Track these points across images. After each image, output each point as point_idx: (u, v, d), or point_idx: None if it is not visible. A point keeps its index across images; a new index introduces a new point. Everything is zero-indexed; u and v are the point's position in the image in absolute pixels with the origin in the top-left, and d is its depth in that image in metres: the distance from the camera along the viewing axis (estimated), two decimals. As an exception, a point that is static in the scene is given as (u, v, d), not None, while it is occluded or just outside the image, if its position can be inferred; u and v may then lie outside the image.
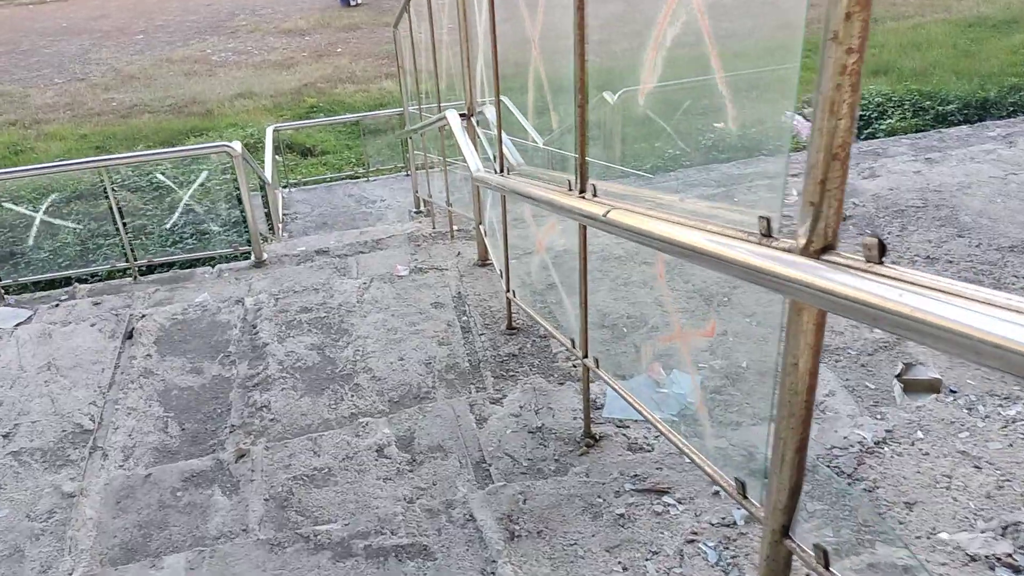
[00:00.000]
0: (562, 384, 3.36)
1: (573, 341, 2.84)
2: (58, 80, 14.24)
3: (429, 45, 5.25)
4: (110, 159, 5.26)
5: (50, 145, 11.93)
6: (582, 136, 2.32)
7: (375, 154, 9.44)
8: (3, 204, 4.92)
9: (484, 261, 4.46)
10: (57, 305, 4.73)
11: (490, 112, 3.94)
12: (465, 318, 4.08)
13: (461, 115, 3.97)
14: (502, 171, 3.47)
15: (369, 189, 8.59)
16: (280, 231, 7.55)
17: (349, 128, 12.05)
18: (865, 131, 8.87)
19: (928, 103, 8.94)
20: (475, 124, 3.93)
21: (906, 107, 8.94)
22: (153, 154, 5.57)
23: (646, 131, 2.27)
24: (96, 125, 12.74)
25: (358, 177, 9.08)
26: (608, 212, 1.94)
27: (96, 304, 4.71)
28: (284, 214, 8.12)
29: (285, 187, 8.71)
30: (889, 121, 8.75)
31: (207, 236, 5.81)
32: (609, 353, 2.86)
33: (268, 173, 7.39)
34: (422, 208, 7.55)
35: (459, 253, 5.02)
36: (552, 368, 3.61)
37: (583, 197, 2.32)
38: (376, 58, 14.75)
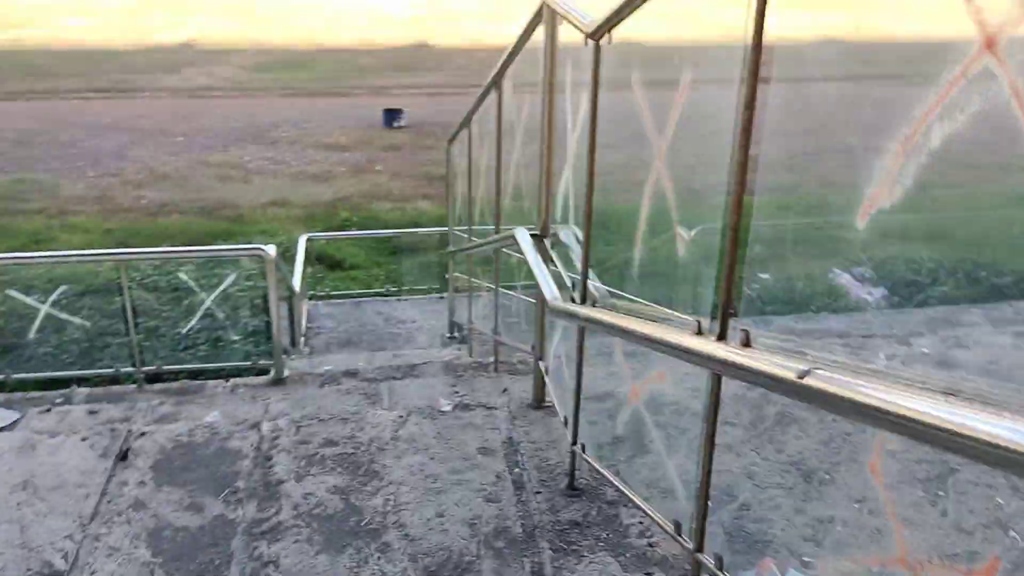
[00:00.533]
0: (640, 572, 2.72)
1: (678, 525, 2.23)
2: (91, 173, 14.18)
3: (491, 162, 4.87)
4: (130, 253, 4.82)
5: (73, 237, 11.65)
6: (730, 265, 1.81)
7: (407, 273, 9.03)
8: (9, 292, 4.46)
9: (540, 403, 3.88)
10: (49, 410, 4.15)
11: (566, 234, 3.47)
12: (518, 470, 3.46)
13: (532, 235, 3.50)
14: (584, 302, 2.95)
15: (400, 308, 8.12)
16: (302, 344, 7.03)
17: (381, 244, 11.75)
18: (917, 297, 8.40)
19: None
20: (548, 246, 3.45)
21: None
22: (178, 251, 5.14)
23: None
24: (123, 221, 12.52)
25: (388, 295, 8.64)
26: (805, 375, 1.39)
27: (92, 413, 4.13)
28: (308, 327, 7.63)
29: (311, 299, 8.26)
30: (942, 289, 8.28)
31: (223, 344, 5.30)
32: (736, 549, 2.24)
33: (297, 282, 6.95)
34: (456, 334, 7.04)
35: (506, 390, 4.45)
36: (624, 546, 2.96)
37: (722, 342, 1.79)
38: (414, 178, 14.67)
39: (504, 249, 4.48)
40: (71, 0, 26.63)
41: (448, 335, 7.03)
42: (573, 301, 3.05)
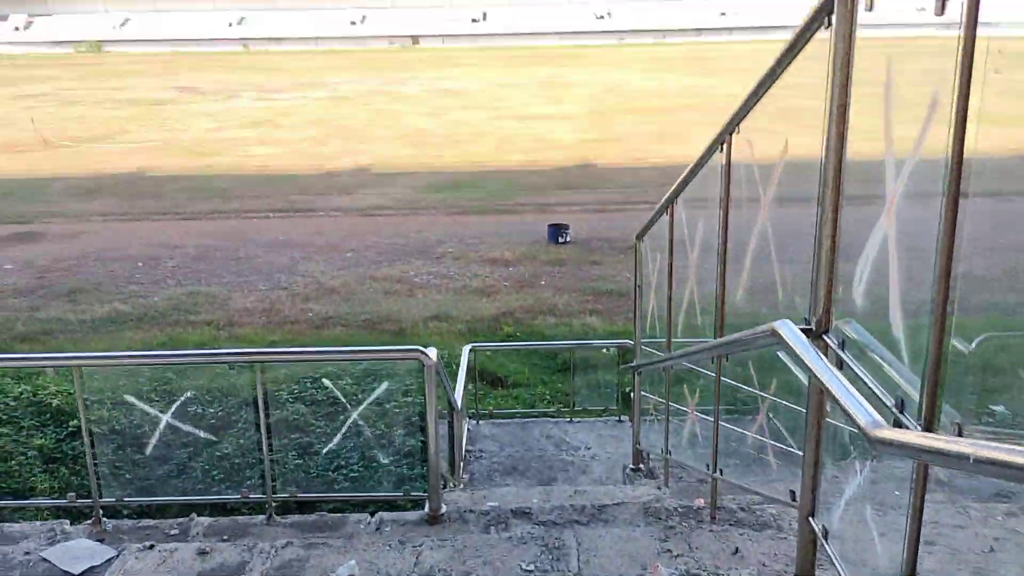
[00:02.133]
0: None
1: None
2: (262, 287, 14.23)
3: (709, 246, 3.82)
4: (264, 352, 4.06)
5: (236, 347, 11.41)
6: None
7: (578, 392, 7.94)
8: (127, 398, 3.78)
9: (810, 578, 2.63)
10: (152, 546, 3.30)
11: (855, 329, 2.31)
12: None
13: (804, 331, 2.36)
14: (931, 428, 1.78)
15: (571, 432, 7.01)
16: (460, 471, 6.03)
17: (546, 362, 10.79)
18: None
19: None
20: (836, 346, 2.30)
21: None
22: (322, 352, 4.33)
23: None
24: (287, 333, 12.28)
25: (558, 416, 7.56)
26: None
27: (202, 554, 3.24)
28: (467, 450, 6.65)
29: (472, 417, 7.31)
30: None
31: (371, 469, 4.40)
32: None
33: (459, 397, 6.04)
34: (642, 466, 5.82)
35: (738, 551, 3.20)
36: None
37: None
38: (580, 293, 13.78)
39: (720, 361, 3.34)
40: (260, 132, 28.55)
41: (632, 467, 5.82)
42: (898, 427, 1.88)
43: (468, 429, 6.98)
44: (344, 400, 4.05)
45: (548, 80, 44.05)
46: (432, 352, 3.73)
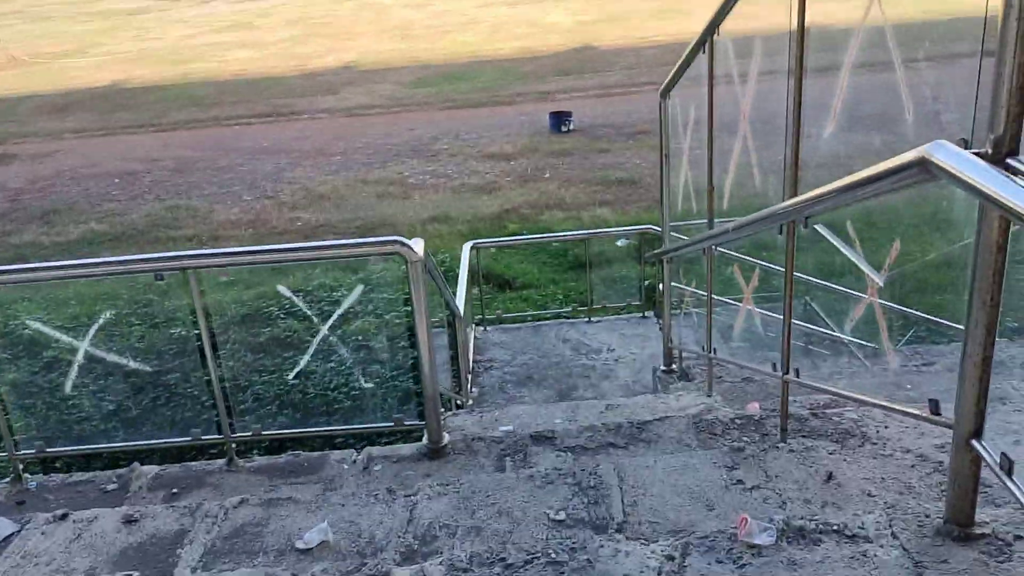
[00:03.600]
0: None
1: None
2: (247, 197, 13.29)
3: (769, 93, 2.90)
4: (196, 255, 3.20)
5: (223, 262, 10.57)
6: None
7: (595, 289, 7.08)
8: (28, 322, 2.96)
9: (968, 523, 1.81)
10: (66, 516, 2.53)
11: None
12: None
13: (979, 154, 1.49)
14: None
15: (591, 333, 6.21)
16: (469, 387, 5.27)
17: (556, 259, 9.93)
18: None
19: None
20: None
21: None
22: (273, 250, 3.39)
23: None
24: (276, 243, 11.41)
25: (574, 317, 6.74)
26: None
27: (129, 523, 2.47)
28: (475, 360, 5.88)
29: (479, 324, 6.51)
30: None
31: (352, 397, 3.61)
32: None
33: (460, 303, 5.23)
34: (675, 366, 5.03)
35: (832, 477, 2.42)
36: None
37: None
38: (588, 184, 12.81)
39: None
40: (238, 36, 26.96)
41: (663, 369, 5.02)
42: None
43: (476, 338, 6.19)
44: (308, 311, 3.21)
45: (539, -37, 41.62)
46: (417, 244, 2.87)
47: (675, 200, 4.72)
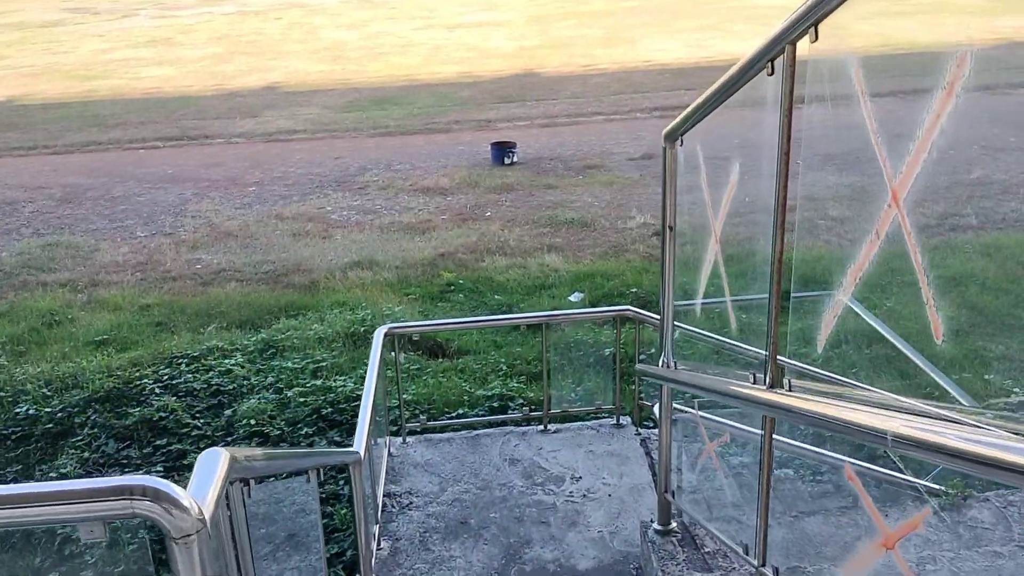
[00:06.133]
0: None
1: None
2: (140, 234, 11.44)
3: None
4: None
5: (96, 317, 8.80)
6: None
7: (555, 383, 5.45)
8: None
9: None
10: None
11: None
12: None
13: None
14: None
15: (548, 450, 4.63)
16: (375, 547, 3.64)
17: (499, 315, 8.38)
18: None
19: None
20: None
21: None
22: None
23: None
24: (167, 293, 9.63)
25: (526, 423, 5.13)
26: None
27: None
28: (390, 492, 4.25)
29: (395, 434, 4.87)
30: None
31: None
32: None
33: (366, 411, 3.63)
34: (673, 524, 3.49)
35: None
36: None
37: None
38: (534, 225, 11.32)
39: None
40: (157, 51, 24.93)
41: (658, 527, 3.48)
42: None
43: (390, 454, 4.56)
44: None
45: (480, -13, 40.50)
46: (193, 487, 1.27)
47: (684, 289, 3.21)
